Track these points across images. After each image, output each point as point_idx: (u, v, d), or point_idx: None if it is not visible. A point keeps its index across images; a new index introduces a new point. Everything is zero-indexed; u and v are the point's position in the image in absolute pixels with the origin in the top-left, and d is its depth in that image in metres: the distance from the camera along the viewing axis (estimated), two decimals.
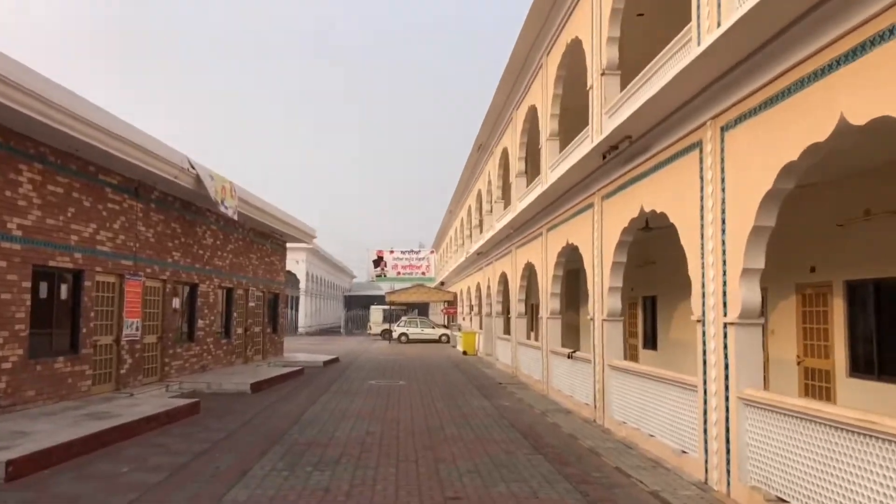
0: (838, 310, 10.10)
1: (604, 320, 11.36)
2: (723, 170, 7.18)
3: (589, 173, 11.92)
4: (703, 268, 7.60)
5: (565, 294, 19.60)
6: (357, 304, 79.34)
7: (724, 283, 7.08)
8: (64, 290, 11.60)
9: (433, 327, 43.36)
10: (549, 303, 15.71)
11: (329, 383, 17.24)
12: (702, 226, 7.62)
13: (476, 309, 33.32)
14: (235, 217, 16.72)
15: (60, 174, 11.27)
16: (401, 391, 15.84)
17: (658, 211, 8.99)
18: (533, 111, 17.56)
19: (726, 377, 7.03)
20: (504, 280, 23.59)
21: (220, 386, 14.97)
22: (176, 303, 15.81)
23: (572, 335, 20.69)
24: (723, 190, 7.16)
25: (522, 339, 19.87)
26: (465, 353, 30.36)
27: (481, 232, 29.97)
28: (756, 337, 6.89)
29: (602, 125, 11.25)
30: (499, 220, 23.01)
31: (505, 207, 23.04)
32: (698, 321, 7.73)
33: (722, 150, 7.21)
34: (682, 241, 8.16)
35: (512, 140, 20.40)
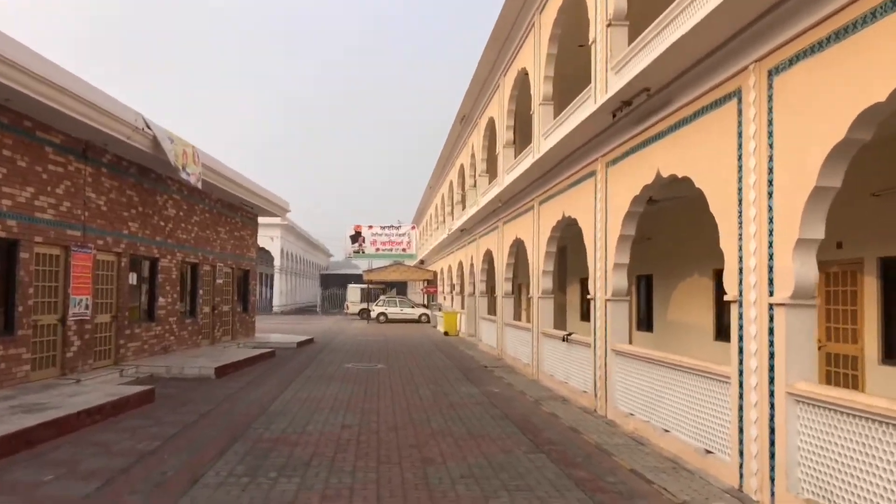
0: (870, 290, 9.06)
1: (607, 300, 10.22)
2: (770, 122, 6.00)
3: (591, 138, 10.71)
4: (740, 240, 6.44)
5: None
6: (334, 283, 77.89)
7: (771, 257, 5.93)
8: None
9: (413, 307, 42.18)
10: (540, 281, 14.56)
11: (302, 367, 15.99)
12: (740, 189, 6.45)
13: (458, 288, 32.19)
14: (199, 185, 15.29)
15: None
16: (380, 376, 14.65)
17: (680, 175, 7.81)
18: (523, 75, 16.28)
19: (771, 368, 5.90)
20: (489, 258, 22.42)
21: (182, 370, 13.65)
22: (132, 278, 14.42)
23: (558, 315, 19.57)
24: (770, 146, 5.98)
25: (510, 319, 18.75)
26: (446, 333, 29.25)
27: (464, 208, 28.74)
28: (810, 321, 5.75)
29: (607, 82, 10.02)
30: (484, 195, 21.79)
31: (490, 181, 21.81)
32: (733, 302, 6.58)
33: (769, 98, 6.02)
34: (713, 209, 6.99)
35: (499, 108, 19.12)
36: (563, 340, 12.56)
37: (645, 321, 16.86)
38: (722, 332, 12.95)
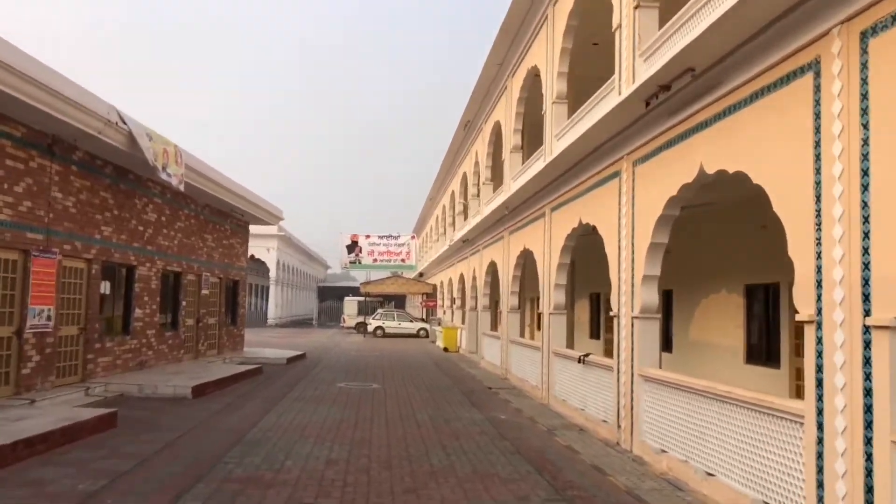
0: None
1: (634, 318, 8.96)
2: (865, 96, 4.77)
3: (615, 134, 9.50)
4: (818, 245, 5.18)
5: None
6: (332, 296, 76.65)
7: (866, 266, 4.69)
8: None
9: (411, 321, 40.87)
10: (552, 296, 13.29)
11: (290, 386, 14.68)
12: (818, 183, 5.19)
13: (458, 302, 30.91)
14: (180, 187, 14.06)
15: None
16: (375, 397, 13.35)
17: (731, 170, 6.57)
18: (533, 74, 15.13)
19: (867, 409, 4.64)
20: (493, 270, 21.16)
21: (156, 389, 12.35)
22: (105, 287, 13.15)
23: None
24: (864, 126, 4.75)
25: (516, 336, 17.47)
26: (445, 349, 27.93)
27: (465, 218, 27.55)
28: None
29: (635, 71, 8.83)
30: (488, 203, 20.59)
31: (495, 189, 20.60)
32: (809, 323, 5.33)
33: (863, 66, 4.80)
34: (779, 209, 5.72)
35: (506, 111, 17.96)
36: (579, 362, 11.29)
37: (663, 341, 15.57)
38: (754, 355, 11.70)
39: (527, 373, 15.42)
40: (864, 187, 4.72)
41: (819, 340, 5.20)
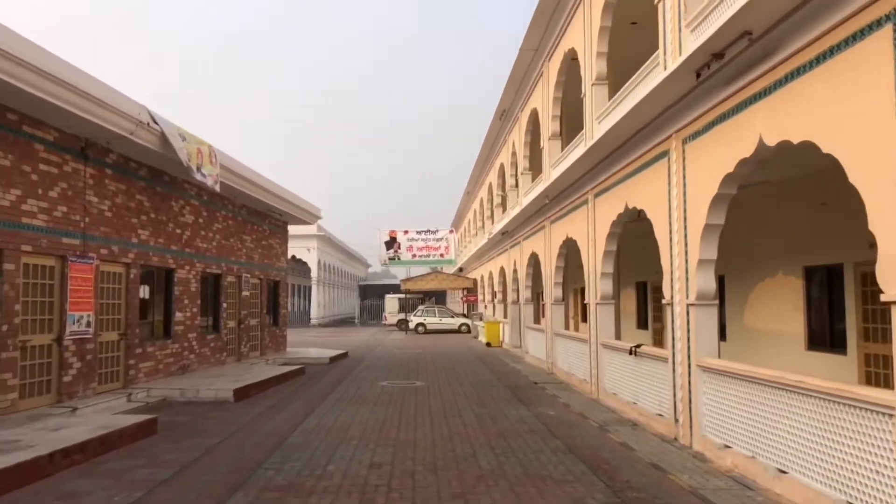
0: None
1: (690, 305, 8.41)
2: None
3: (662, 111, 8.95)
4: None
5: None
6: (373, 294, 76.93)
7: None
8: None
9: (452, 316, 40.55)
10: (598, 285, 12.76)
11: (332, 386, 14.45)
12: None
13: (500, 296, 30.41)
14: (216, 188, 13.91)
15: None
16: (418, 396, 13.02)
17: (795, 141, 6.01)
18: (570, 58, 14.60)
19: None
20: (534, 261, 20.65)
21: (197, 393, 12.22)
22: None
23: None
24: None
25: (560, 329, 16.96)
26: (488, 344, 27.51)
27: (504, 211, 27.06)
28: None
29: (681, 43, 8.28)
30: (527, 194, 20.07)
31: (534, 179, 20.09)
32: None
33: None
34: (860, 180, 5.16)
35: (543, 98, 17.42)
36: (631, 353, 10.76)
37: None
38: (816, 341, 11.01)
39: (573, 366, 14.92)
40: None
41: None
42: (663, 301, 9.32)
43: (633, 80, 10.15)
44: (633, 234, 13.57)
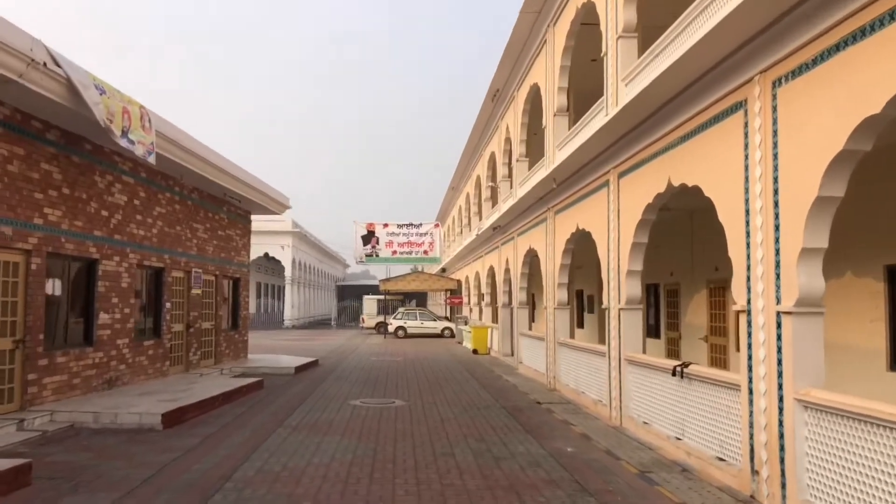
0: None
1: (784, 314, 5.96)
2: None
3: (730, 53, 6.52)
4: None
5: (592, 279, 14.03)
6: (351, 295, 74.07)
7: None
8: None
9: (435, 320, 38.02)
10: (622, 286, 10.29)
11: (293, 406, 11.82)
12: None
13: (487, 298, 27.94)
14: (150, 160, 11.24)
15: None
16: (398, 421, 10.45)
17: None
18: (585, 11, 12.16)
19: None
20: (531, 259, 18.20)
21: (115, 417, 9.55)
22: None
23: (601, 332, 14.75)
24: None
25: (565, 337, 14.48)
26: (475, 351, 25.02)
27: (494, 204, 24.61)
28: None
29: None
30: (523, 183, 17.62)
31: (532, 166, 17.64)
32: None
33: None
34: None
35: (547, 69, 14.96)
36: (675, 374, 8.29)
37: None
38: None
39: (583, 384, 12.45)
40: None
41: None
42: (734, 307, 6.85)
43: (681, 22, 7.70)
44: (675, 222, 11.18)
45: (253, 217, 20.74)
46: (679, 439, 8.25)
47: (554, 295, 14.78)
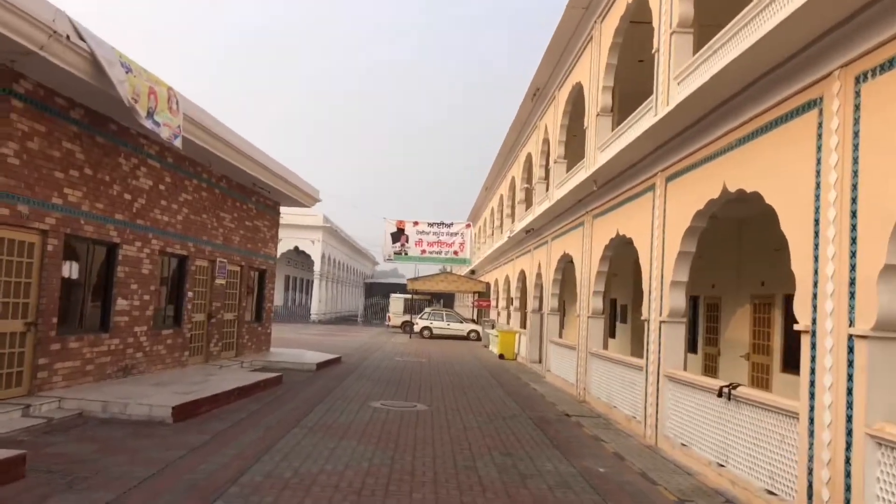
0: None
1: (858, 337, 5.28)
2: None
3: (812, 41, 5.85)
4: None
5: (627, 287, 13.14)
6: (379, 292, 73.75)
7: None
8: None
9: (461, 322, 37.45)
10: (665, 297, 9.63)
11: (311, 405, 11.36)
12: None
13: (516, 303, 27.31)
14: (177, 143, 10.88)
15: None
16: (419, 427, 9.92)
17: None
18: (637, 6, 11.52)
19: None
20: (564, 265, 17.55)
21: (125, 408, 9.17)
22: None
23: (641, 342, 13.75)
24: None
25: (598, 348, 13.81)
26: (501, 356, 24.39)
27: (528, 207, 23.97)
28: None
29: None
30: (560, 186, 16.99)
31: (570, 168, 16.99)
32: None
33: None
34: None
35: (591, 67, 14.33)
36: (720, 396, 7.61)
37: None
38: None
39: (616, 398, 11.79)
40: None
41: None
42: (796, 326, 6.17)
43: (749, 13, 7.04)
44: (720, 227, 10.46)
45: (284, 211, 20.42)
46: (722, 465, 7.58)
47: (589, 303, 14.12)
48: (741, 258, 13.76)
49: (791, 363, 12.07)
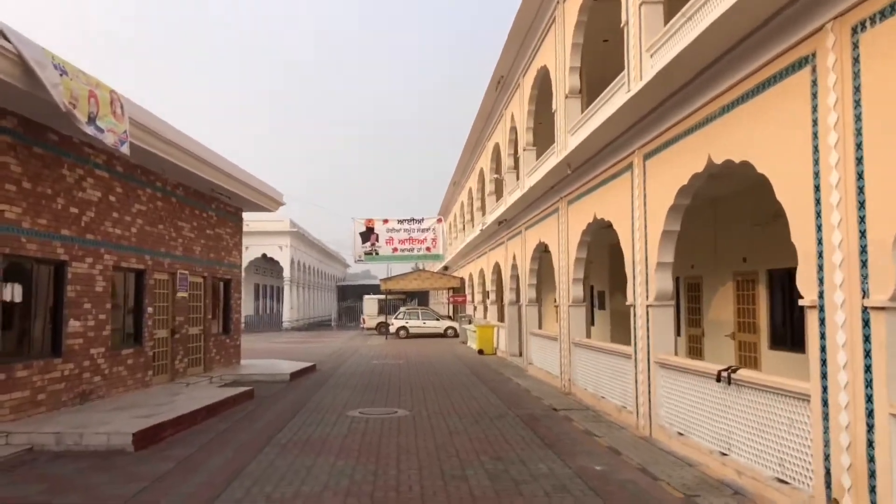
0: None
1: (873, 309, 4.85)
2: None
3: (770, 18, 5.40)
4: None
5: (603, 273, 12.85)
6: (352, 295, 73.08)
7: None
8: None
9: (437, 319, 36.95)
10: (650, 280, 9.19)
11: (285, 419, 10.71)
12: None
13: (493, 296, 26.85)
14: (124, 149, 10.12)
15: None
16: (401, 435, 9.35)
17: None
18: None
19: None
20: (541, 254, 17.10)
21: (81, 438, 8.45)
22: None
23: (622, 328, 13.28)
24: None
25: (581, 337, 13.36)
26: (480, 351, 23.92)
27: (498, 198, 23.49)
28: None
29: None
30: (531, 173, 16.53)
31: (539, 156, 16.54)
32: None
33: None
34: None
35: (557, 48, 13.85)
36: (719, 380, 7.17)
37: (789, 334, 11.43)
38: None
39: (604, 388, 11.35)
40: None
41: None
42: (801, 302, 5.72)
43: None
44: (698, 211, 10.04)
45: (249, 217, 19.68)
46: (725, 454, 7.14)
47: (568, 291, 13.67)
48: (718, 236, 13.42)
49: (780, 340, 11.76)
